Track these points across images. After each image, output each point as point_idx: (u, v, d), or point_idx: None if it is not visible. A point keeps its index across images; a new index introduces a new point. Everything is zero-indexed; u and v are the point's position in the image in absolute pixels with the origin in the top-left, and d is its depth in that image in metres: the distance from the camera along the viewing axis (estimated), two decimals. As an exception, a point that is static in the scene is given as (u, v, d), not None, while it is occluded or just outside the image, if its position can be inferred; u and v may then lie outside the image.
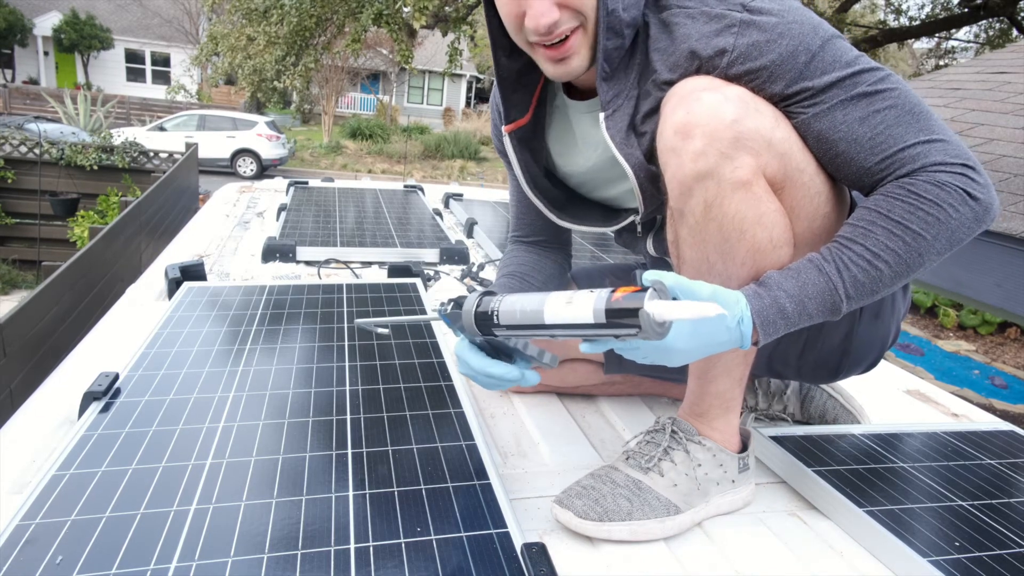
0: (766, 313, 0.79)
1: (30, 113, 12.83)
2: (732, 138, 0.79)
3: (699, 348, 0.78)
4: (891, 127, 0.81)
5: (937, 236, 0.79)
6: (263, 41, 8.33)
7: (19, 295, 6.63)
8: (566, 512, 0.90)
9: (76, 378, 1.20)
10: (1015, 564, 0.86)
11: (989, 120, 3.73)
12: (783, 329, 0.81)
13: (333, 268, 2.03)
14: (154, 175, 6.86)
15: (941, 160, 0.80)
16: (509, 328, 0.79)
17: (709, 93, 0.81)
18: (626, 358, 0.83)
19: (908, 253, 0.79)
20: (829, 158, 0.85)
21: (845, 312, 0.82)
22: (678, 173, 0.83)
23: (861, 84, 0.82)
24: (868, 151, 0.82)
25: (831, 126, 0.83)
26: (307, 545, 0.78)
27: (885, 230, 0.79)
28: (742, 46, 0.82)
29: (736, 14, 0.83)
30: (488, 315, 0.81)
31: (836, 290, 0.80)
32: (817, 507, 1.02)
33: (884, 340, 1.08)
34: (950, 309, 7.40)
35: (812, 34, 0.82)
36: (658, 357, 0.79)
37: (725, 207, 0.82)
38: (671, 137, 0.82)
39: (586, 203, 1.12)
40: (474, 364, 0.87)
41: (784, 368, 1.12)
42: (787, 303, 0.79)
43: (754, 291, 0.80)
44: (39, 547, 0.75)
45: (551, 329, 0.75)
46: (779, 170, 0.83)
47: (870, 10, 13.73)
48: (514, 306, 0.78)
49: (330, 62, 16.55)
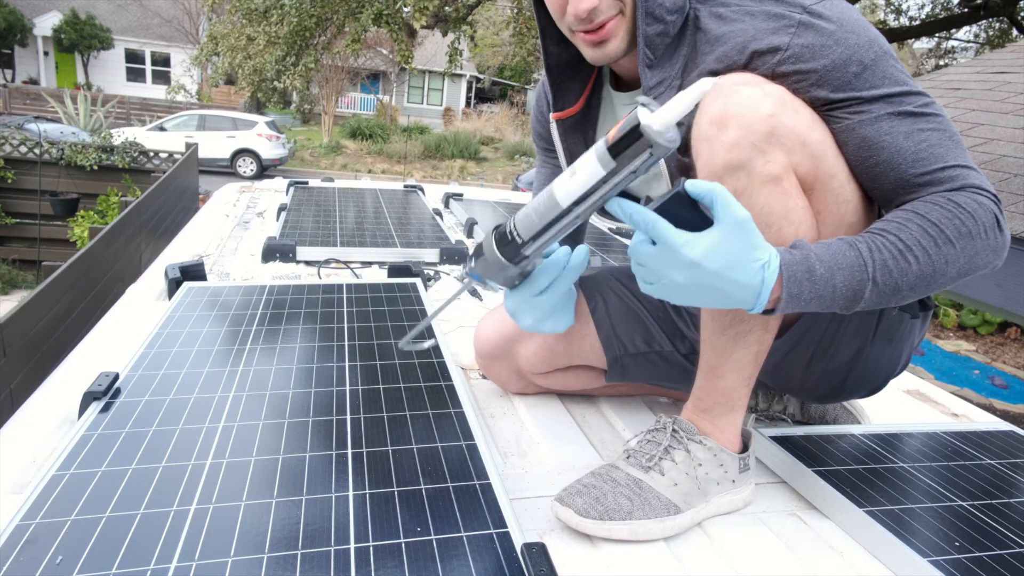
0: (795, 268, 0.77)
1: (30, 113, 12.82)
2: (767, 132, 0.79)
3: (714, 270, 0.73)
4: (934, 146, 0.82)
5: (964, 250, 0.80)
6: (263, 41, 8.32)
7: (19, 295, 6.62)
8: (567, 510, 0.90)
9: (76, 378, 1.20)
10: (1015, 564, 0.86)
11: (989, 120, 3.73)
12: (807, 294, 0.77)
13: (333, 268, 2.03)
14: (154, 175, 6.86)
15: (980, 185, 0.82)
16: (533, 239, 0.78)
17: (749, 88, 0.81)
18: (627, 368, 0.82)
19: (937, 255, 0.79)
20: (868, 165, 0.85)
21: (865, 304, 0.80)
22: (709, 163, 0.83)
23: (908, 104, 0.83)
24: (911, 163, 0.83)
25: (876, 133, 0.83)
26: (307, 545, 0.78)
27: (920, 228, 0.79)
28: (796, 46, 0.83)
29: (796, 15, 0.83)
30: (510, 239, 0.79)
31: (865, 267, 0.78)
32: (817, 507, 1.02)
33: (892, 367, 1.07)
34: (950, 309, 7.40)
35: (867, 47, 0.83)
36: (679, 274, 0.74)
37: (754, 199, 0.81)
38: (706, 126, 0.82)
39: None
40: (536, 308, 0.88)
41: (789, 379, 1.11)
42: (817, 264, 0.77)
43: (785, 249, 0.79)
44: (39, 547, 0.75)
45: (572, 212, 0.74)
46: (810, 171, 0.83)
47: (870, 10, 13.73)
48: (528, 213, 0.77)
49: (330, 62, 16.55)
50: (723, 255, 0.73)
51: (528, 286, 0.87)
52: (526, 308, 0.90)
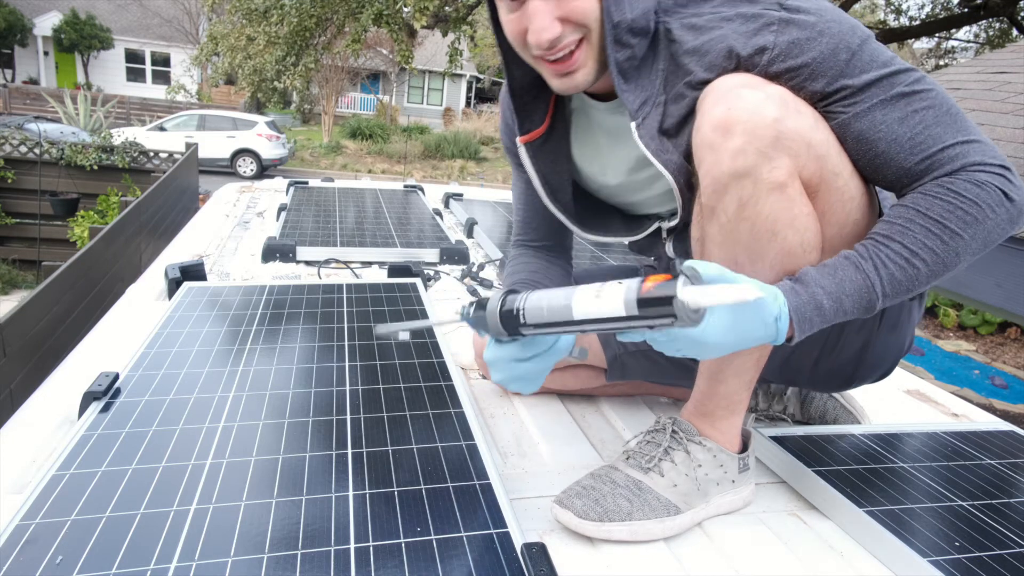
0: (803, 310, 0.77)
1: (30, 113, 12.82)
2: (773, 137, 0.78)
3: (735, 342, 0.75)
4: (930, 127, 0.81)
5: (975, 236, 0.79)
6: (263, 41, 8.32)
7: (19, 295, 6.63)
8: (566, 512, 0.90)
9: (76, 378, 1.20)
10: (1015, 564, 0.86)
11: (989, 120, 3.72)
12: (818, 325, 0.79)
13: (333, 268, 2.03)
14: (154, 175, 6.86)
15: (980, 160, 0.80)
16: (536, 326, 0.77)
17: (750, 91, 0.79)
18: (627, 367, 0.82)
19: (945, 252, 0.79)
20: (868, 159, 0.85)
21: (879, 310, 0.81)
22: (713, 170, 0.81)
23: (898, 84, 0.82)
24: (908, 151, 0.82)
25: (871, 126, 0.82)
26: (307, 545, 0.78)
27: (923, 228, 0.79)
28: (783, 43, 0.82)
29: (774, 12, 0.82)
30: (514, 314, 0.79)
31: (873, 288, 0.79)
32: (817, 507, 1.02)
33: (899, 350, 1.08)
34: (950, 309, 7.40)
35: (851, 33, 0.82)
36: (692, 350, 0.76)
37: (760, 207, 0.80)
38: (709, 133, 0.81)
39: (605, 212, 1.10)
40: (512, 370, 0.85)
41: (797, 376, 1.11)
42: (824, 300, 0.78)
43: (791, 287, 0.79)
44: (39, 547, 0.75)
45: (581, 325, 0.73)
46: (815, 173, 0.82)
47: (870, 10, 13.73)
48: (540, 303, 0.77)
49: (330, 62, 16.55)
50: (739, 328, 0.74)
51: (513, 348, 0.85)
52: (502, 366, 0.87)
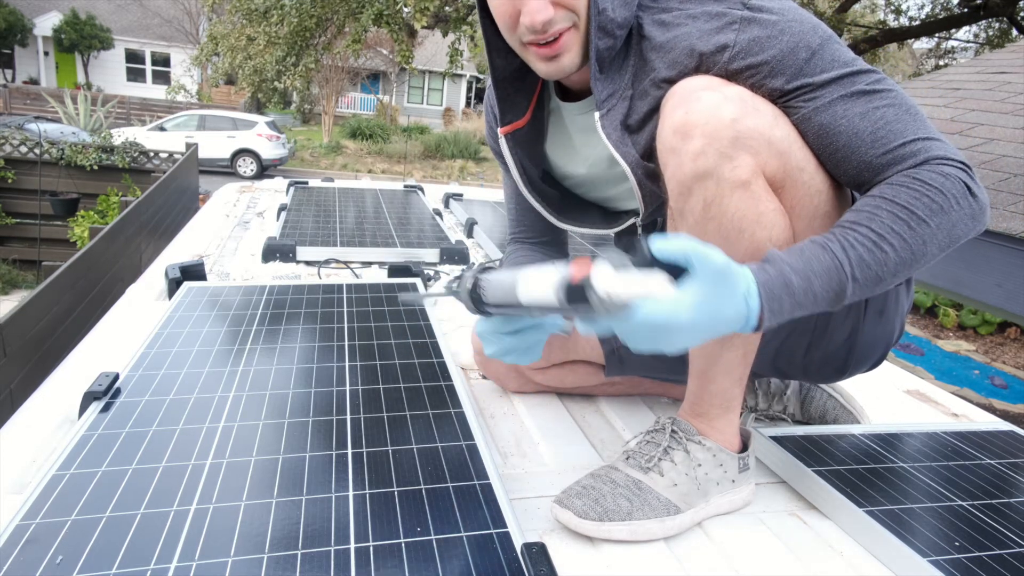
0: (771, 285, 0.74)
1: (30, 113, 12.81)
2: (731, 137, 0.80)
3: (703, 324, 0.71)
4: (891, 123, 0.82)
5: (940, 226, 0.78)
6: (263, 41, 8.33)
7: (19, 295, 6.62)
8: (566, 512, 0.90)
9: (76, 378, 1.20)
10: (1015, 564, 0.86)
11: (989, 120, 3.73)
12: (788, 307, 0.76)
13: (333, 268, 2.03)
14: (154, 175, 6.86)
15: (944, 155, 0.80)
16: (497, 306, 0.77)
17: (708, 92, 0.81)
18: (625, 360, 0.82)
19: (913, 239, 0.78)
20: (830, 152, 0.85)
21: (850, 299, 0.78)
22: (677, 173, 0.83)
23: (859, 83, 0.83)
24: (870, 144, 0.82)
25: (832, 120, 0.83)
26: (307, 545, 0.78)
27: (890, 214, 0.78)
28: (743, 42, 0.83)
29: (737, 12, 0.84)
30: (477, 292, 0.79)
31: (842, 267, 0.76)
32: (817, 507, 1.02)
33: (889, 337, 1.08)
34: (950, 309, 7.40)
35: (812, 32, 0.83)
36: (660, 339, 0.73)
37: (724, 206, 0.82)
38: (670, 137, 0.82)
39: (585, 205, 1.12)
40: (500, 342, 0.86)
41: (790, 367, 1.11)
42: (792, 277, 0.75)
43: (759, 266, 0.77)
44: (39, 547, 0.75)
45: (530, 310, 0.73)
46: (779, 168, 0.83)
47: (870, 10, 13.72)
48: (496, 283, 0.77)
49: (330, 62, 16.55)
50: (710, 307, 0.71)
51: (496, 322, 0.85)
52: (491, 339, 0.87)
